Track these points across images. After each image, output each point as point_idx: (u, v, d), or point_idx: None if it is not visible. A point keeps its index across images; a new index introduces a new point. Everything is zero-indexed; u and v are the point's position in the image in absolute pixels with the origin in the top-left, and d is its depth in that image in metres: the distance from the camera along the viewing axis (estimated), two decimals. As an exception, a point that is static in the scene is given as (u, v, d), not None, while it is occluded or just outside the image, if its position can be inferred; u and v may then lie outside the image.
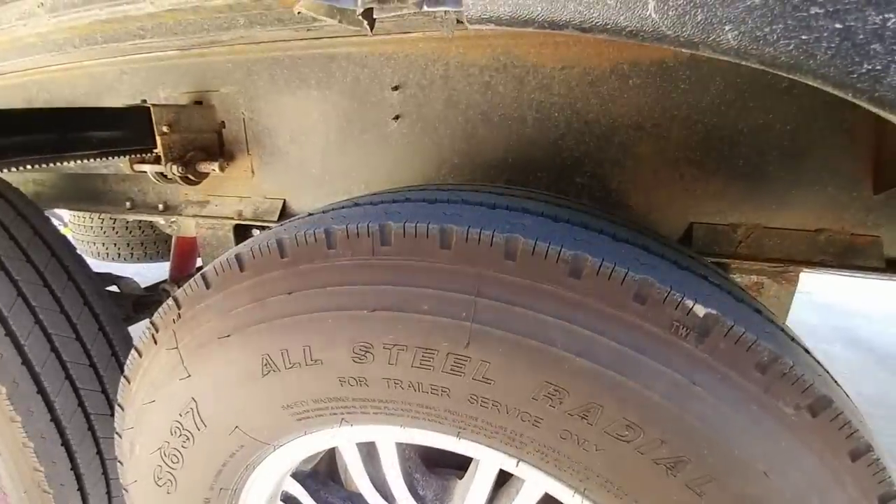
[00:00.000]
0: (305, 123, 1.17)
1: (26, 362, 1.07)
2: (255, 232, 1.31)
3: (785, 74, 0.33)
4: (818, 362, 0.60)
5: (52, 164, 0.91)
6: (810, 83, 0.33)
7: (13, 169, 0.86)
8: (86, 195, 1.45)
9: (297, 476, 0.84)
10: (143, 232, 2.21)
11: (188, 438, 0.74)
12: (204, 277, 0.67)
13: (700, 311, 0.51)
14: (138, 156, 1.09)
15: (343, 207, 0.67)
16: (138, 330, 0.84)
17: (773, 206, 0.98)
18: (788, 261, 1.00)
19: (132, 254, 2.20)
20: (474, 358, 0.54)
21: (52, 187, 1.54)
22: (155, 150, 1.09)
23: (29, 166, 0.88)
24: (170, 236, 2.25)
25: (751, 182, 0.97)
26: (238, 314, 0.63)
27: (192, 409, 0.71)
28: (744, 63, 0.34)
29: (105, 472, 1.23)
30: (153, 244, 2.24)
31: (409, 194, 0.66)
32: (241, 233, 1.27)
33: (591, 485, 0.58)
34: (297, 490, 0.85)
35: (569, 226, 0.57)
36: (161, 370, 0.72)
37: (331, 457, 0.99)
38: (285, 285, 0.61)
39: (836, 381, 0.59)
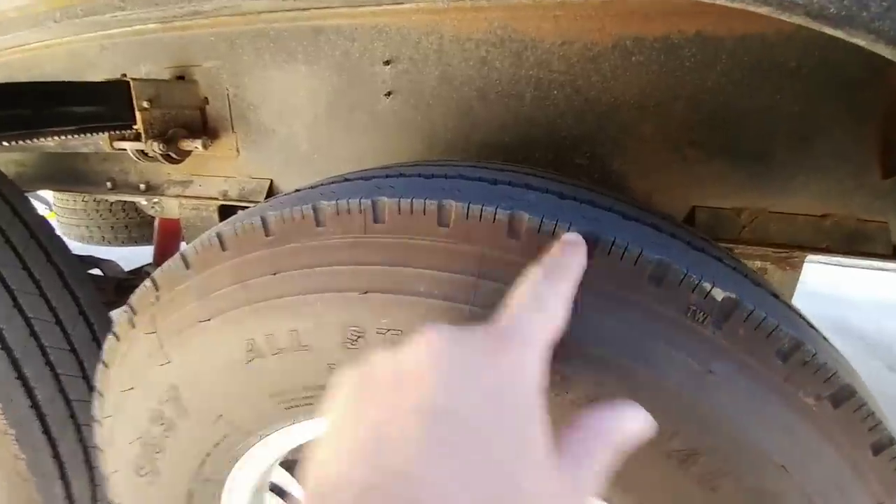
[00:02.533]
0: (293, 100, 1.11)
1: (5, 348, 1.03)
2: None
3: (832, 31, 0.29)
4: (837, 350, 0.57)
5: (28, 141, 0.86)
6: (860, 41, 0.30)
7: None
8: (67, 175, 1.39)
9: (287, 465, 0.81)
10: (128, 215, 2.15)
11: (170, 427, 0.70)
12: (183, 257, 0.63)
13: (718, 294, 0.48)
14: (118, 133, 1.04)
15: (332, 183, 0.63)
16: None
17: (779, 190, 0.95)
18: (793, 246, 0.97)
19: (117, 237, 2.14)
20: (473, 343, 0.51)
21: (33, 167, 1.48)
22: (135, 127, 1.04)
23: (5, 143, 0.82)
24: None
25: (756, 165, 0.94)
26: (220, 296, 0.59)
27: (173, 396, 0.67)
28: (786, 18, 0.30)
29: (88, 460, 1.19)
30: (139, 227, 2.17)
31: (402, 169, 0.62)
32: (227, 214, 1.22)
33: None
34: (285, 479, 0.81)
35: (576, 203, 0.54)
36: (140, 355, 0.68)
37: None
38: (270, 265, 0.56)
39: (855, 371, 0.57)
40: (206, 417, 0.67)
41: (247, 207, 1.22)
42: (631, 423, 0.38)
